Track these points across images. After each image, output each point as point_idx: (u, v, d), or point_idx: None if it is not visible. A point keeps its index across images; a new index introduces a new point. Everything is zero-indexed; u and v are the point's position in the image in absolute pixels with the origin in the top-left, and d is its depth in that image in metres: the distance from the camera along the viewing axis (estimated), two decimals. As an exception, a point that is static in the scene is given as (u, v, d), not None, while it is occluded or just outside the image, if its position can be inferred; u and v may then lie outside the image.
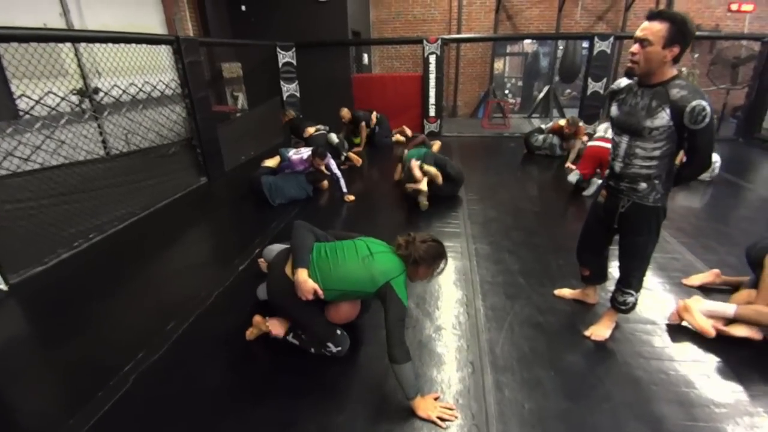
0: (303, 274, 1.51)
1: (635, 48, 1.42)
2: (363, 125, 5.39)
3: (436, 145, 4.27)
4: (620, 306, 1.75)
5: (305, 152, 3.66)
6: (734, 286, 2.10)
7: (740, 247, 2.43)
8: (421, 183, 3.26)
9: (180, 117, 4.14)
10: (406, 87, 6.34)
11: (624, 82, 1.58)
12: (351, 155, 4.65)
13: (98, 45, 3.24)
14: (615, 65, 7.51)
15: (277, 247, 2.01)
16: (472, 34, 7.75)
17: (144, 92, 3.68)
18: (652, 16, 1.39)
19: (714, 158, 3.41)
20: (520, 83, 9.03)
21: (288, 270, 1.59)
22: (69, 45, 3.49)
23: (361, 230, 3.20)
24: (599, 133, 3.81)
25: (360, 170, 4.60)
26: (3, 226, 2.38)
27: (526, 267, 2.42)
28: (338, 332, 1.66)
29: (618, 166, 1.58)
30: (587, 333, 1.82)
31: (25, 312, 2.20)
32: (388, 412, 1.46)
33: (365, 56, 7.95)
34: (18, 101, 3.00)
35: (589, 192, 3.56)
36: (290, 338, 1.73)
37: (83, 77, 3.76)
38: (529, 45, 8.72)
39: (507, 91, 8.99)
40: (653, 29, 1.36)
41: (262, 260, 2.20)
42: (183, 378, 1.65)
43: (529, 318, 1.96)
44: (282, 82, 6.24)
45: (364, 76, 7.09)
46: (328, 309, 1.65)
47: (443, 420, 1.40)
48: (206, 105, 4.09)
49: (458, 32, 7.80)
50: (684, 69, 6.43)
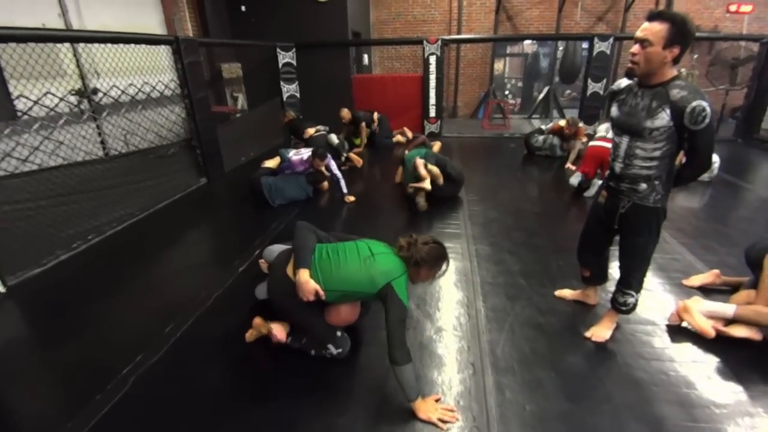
0: (305, 275, 1.50)
1: (635, 49, 1.42)
2: (363, 126, 5.38)
3: (437, 146, 4.27)
4: (621, 307, 1.75)
5: (305, 153, 3.65)
6: (734, 287, 2.10)
7: (740, 248, 2.43)
8: (425, 182, 3.27)
9: (179, 117, 4.13)
10: (407, 88, 6.34)
11: (624, 83, 1.58)
12: (352, 156, 4.64)
13: (97, 45, 3.24)
14: (615, 66, 7.53)
15: (278, 248, 2.00)
16: (472, 35, 7.75)
17: (143, 93, 3.67)
18: (652, 17, 1.39)
19: (713, 159, 3.41)
20: (520, 84, 9.04)
21: (289, 271, 1.58)
22: (67, 45, 3.49)
23: (362, 231, 3.19)
24: (601, 133, 3.81)
25: (360, 171, 4.60)
26: (1, 228, 2.38)
27: (527, 268, 2.42)
28: (338, 334, 1.66)
29: (618, 167, 1.58)
30: (588, 334, 1.82)
31: (24, 314, 2.19)
32: (389, 414, 1.45)
33: (365, 57, 7.95)
34: (16, 102, 3.00)
35: (590, 193, 3.56)
36: (289, 342, 1.72)
37: (82, 78, 3.76)
38: (529, 46, 8.73)
39: (507, 92, 8.99)
40: (653, 30, 1.36)
41: (263, 261, 2.19)
42: (182, 380, 1.64)
43: (530, 319, 1.96)
44: (282, 83, 6.24)
45: (365, 77, 7.09)
46: (329, 312, 1.64)
47: (444, 422, 1.39)
48: (206, 105, 4.09)
49: (458, 33, 7.80)
50: (683, 70, 6.44)
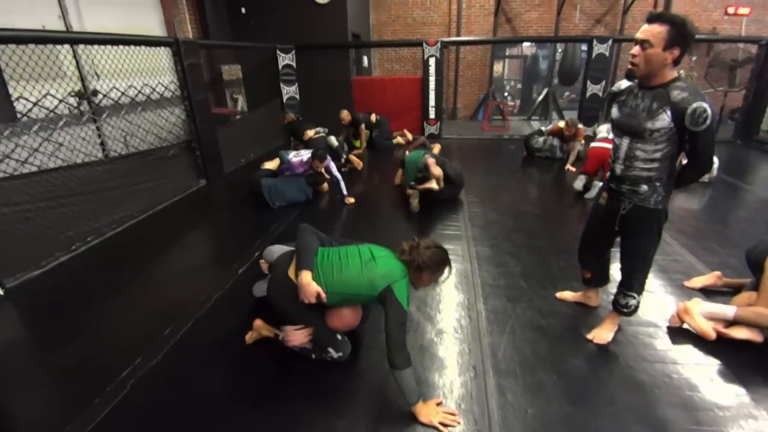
0: (307, 277, 1.49)
1: (636, 50, 1.41)
2: (363, 128, 5.39)
3: (436, 148, 4.27)
4: (622, 309, 1.74)
5: (305, 154, 3.65)
6: (736, 288, 2.09)
7: (741, 249, 2.42)
8: (432, 182, 3.26)
9: (179, 119, 4.13)
10: (406, 89, 6.34)
11: (624, 84, 1.58)
12: (352, 158, 4.64)
13: (97, 47, 3.24)
14: (614, 68, 7.55)
15: (278, 248, 1.99)
16: (472, 37, 7.77)
17: (143, 94, 3.67)
18: (652, 19, 1.39)
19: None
20: (519, 86, 9.06)
21: (291, 273, 1.57)
22: (67, 47, 3.49)
23: (362, 232, 3.18)
24: (602, 134, 3.81)
25: (360, 172, 4.59)
26: (0, 230, 2.36)
27: (528, 269, 2.42)
28: (339, 337, 1.65)
29: (619, 169, 1.58)
30: (589, 336, 1.81)
31: (22, 316, 2.18)
32: (390, 418, 1.44)
33: (365, 59, 7.96)
34: (15, 103, 2.99)
35: (591, 194, 3.56)
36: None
37: (82, 79, 3.75)
38: (528, 48, 8.75)
39: (506, 94, 9.01)
40: (654, 31, 1.36)
41: (264, 261, 2.18)
42: (182, 383, 1.63)
43: (531, 321, 1.95)
44: (282, 85, 6.24)
45: (364, 79, 7.10)
46: (330, 316, 1.63)
47: (445, 425, 1.38)
48: (205, 107, 4.09)
49: (458, 35, 7.82)
50: (682, 71, 6.47)
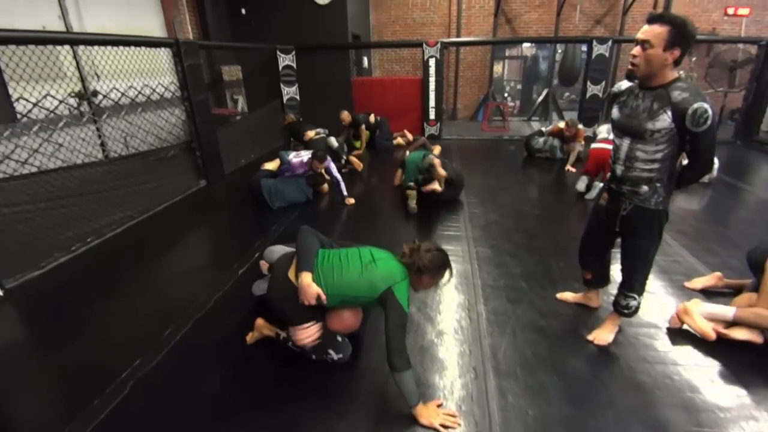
0: (307, 278, 1.49)
1: (636, 51, 1.41)
2: (363, 128, 5.40)
3: (436, 149, 4.28)
4: (623, 310, 1.73)
5: (305, 155, 3.65)
6: (736, 289, 2.09)
7: (741, 250, 2.42)
8: (436, 183, 3.26)
9: (179, 120, 4.13)
10: (406, 90, 6.35)
11: (625, 85, 1.58)
12: (352, 159, 4.64)
13: (97, 48, 3.24)
14: (613, 69, 7.55)
15: (279, 249, 1.99)
16: (472, 38, 7.78)
17: (143, 95, 3.67)
18: (653, 19, 1.39)
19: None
20: (519, 86, 9.06)
21: (291, 274, 1.57)
22: (67, 47, 3.49)
23: (362, 233, 3.18)
24: (602, 135, 3.81)
25: (360, 173, 4.59)
26: (0, 230, 2.36)
27: (528, 270, 2.41)
28: (339, 339, 1.64)
29: (619, 169, 1.57)
30: (590, 337, 1.80)
31: (22, 317, 2.18)
32: (390, 420, 1.44)
33: (365, 59, 7.96)
34: (16, 104, 2.99)
35: (591, 195, 3.56)
36: (291, 345, 1.70)
37: (82, 80, 3.75)
38: (528, 49, 8.76)
39: (506, 94, 9.01)
40: (654, 32, 1.36)
41: (264, 262, 2.18)
42: (181, 384, 1.63)
43: (532, 322, 1.95)
44: (282, 85, 6.24)
45: (364, 80, 7.10)
46: (331, 318, 1.63)
47: (446, 427, 1.38)
48: (206, 108, 4.09)
49: (458, 36, 7.83)
50: (682, 72, 6.47)
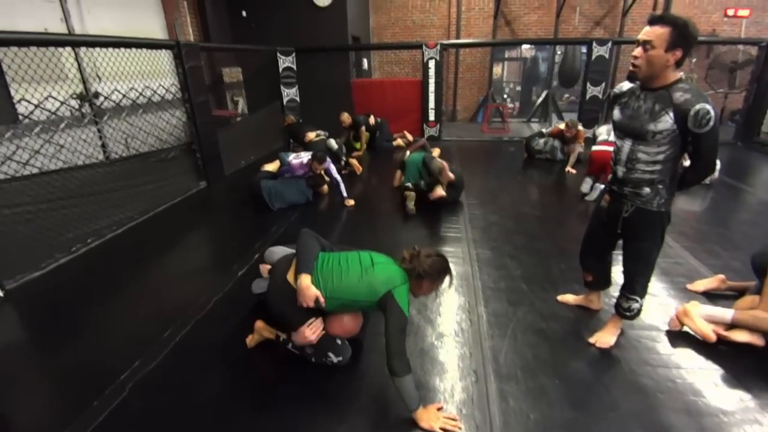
0: (306, 280, 1.49)
1: (638, 52, 1.41)
2: (363, 129, 5.40)
3: (435, 152, 4.28)
4: (625, 312, 1.72)
5: (305, 157, 3.65)
6: (740, 292, 2.08)
7: (743, 251, 2.42)
8: (440, 189, 3.26)
9: (180, 121, 4.13)
10: (406, 92, 6.35)
11: (626, 86, 1.57)
12: (352, 162, 4.64)
13: (99, 49, 3.25)
14: (613, 70, 7.56)
15: (279, 250, 1.98)
16: (471, 40, 7.78)
17: (144, 97, 3.67)
18: (654, 21, 1.39)
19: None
20: (519, 88, 9.07)
21: (290, 277, 1.57)
22: (69, 49, 3.50)
23: (361, 234, 3.17)
24: (602, 136, 3.80)
25: (360, 175, 4.59)
26: (0, 231, 2.36)
27: (528, 272, 2.40)
28: (339, 342, 1.63)
29: (621, 171, 1.57)
30: (592, 340, 1.79)
31: (21, 318, 2.17)
32: (390, 423, 1.43)
33: (365, 61, 7.97)
34: (17, 105, 2.99)
35: (591, 197, 3.55)
36: (290, 347, 1.70)
37: (83, 81, 3.76)
38: (528, 50, 8.77)
39: (506, 96, 9.02)
40: (656, 33, 1.36)
41: (264, 265, 2.17)
42: (181, 386, 1.62)
43: (533, 324, 1.94)
44: (282, 87, 6.25)
45: (364, 81, 7.10)
46: (331, 323, 1.62)
47: (447, 431, 1.37)
48: (206, 109, 4.09)
49: (457, 38, 7.83)
50: (681, 73, 6.45)
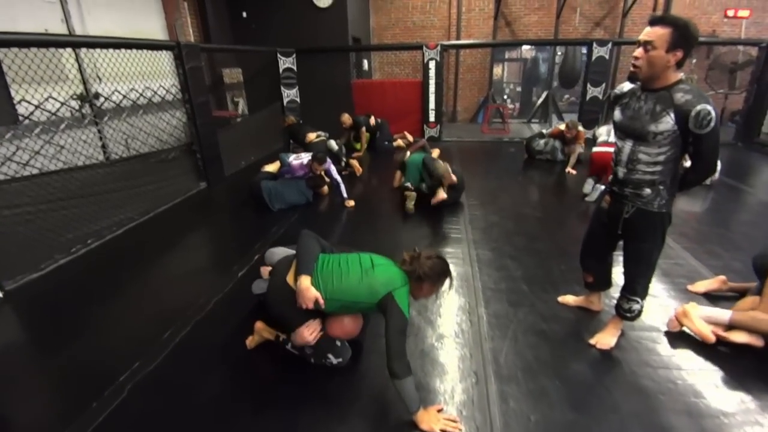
0: (306, 281, 1.48)
1: (638, 52, 1.41)
2: (363, 130, 5.40)
3: (435, 152, 4.28)
4: (625, 313, 1.72)
5: (305, 157, 3.65)
6: (741, 293, 2.07)
7: (744, 252, 2.41)
8: (442, 192, 3.27)
9: (180, 122, 4.13)
10: (406, 92, 6.35)
11: (627, 87, 1.57)
12: (352, 163, 4.63)
13: (99, 50, 3.25)
14: (613, 71, 7.56)
15: (280, 251, 1.97)
16: (471, 41, 7.79)
17: (144, 97, 3.67)
18: (655, 21, 1.39)
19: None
20: (519, 89, 9.07)
21: (290, 278, 1.56)
22: (70, 50, 3.50)
23: (362, 235, 3.17)
24: (602, 137, 3.80)
25: (361, 175, 4.59)
26: (0, 232, 2.36)
27: (529, 273, 2.40)
28: (338, 343, 1.63)
29: (621, 172, 1.56)
30: (592, 341, 1.79)
31: (21, 319, 2.17)
32: (390, 424, 1.43)
33: (365, 62, 7.98)
34: (18, 106, 2.99)
35: (592, 198, 3.55)
36: (289, 347, 1.69)
37: (84, 82, 3.76)
38: (528, 51, 8.78)
39: (506, 96, 9.02)
40: (657, 33, 1.36)
41: (265, 268, 2.16)
42: (180, 387, 1.61)
43: (533, 326, 1.93)
44: (282, 88, 6.26)
45: (365, 82, 7.11)
46: (331, 324, 1.61)
47: (447, 432, 1.36)
48: (206, 110, 4.09)
49: (457, 38, 7.84)
50: (682, 74, 6.46)
